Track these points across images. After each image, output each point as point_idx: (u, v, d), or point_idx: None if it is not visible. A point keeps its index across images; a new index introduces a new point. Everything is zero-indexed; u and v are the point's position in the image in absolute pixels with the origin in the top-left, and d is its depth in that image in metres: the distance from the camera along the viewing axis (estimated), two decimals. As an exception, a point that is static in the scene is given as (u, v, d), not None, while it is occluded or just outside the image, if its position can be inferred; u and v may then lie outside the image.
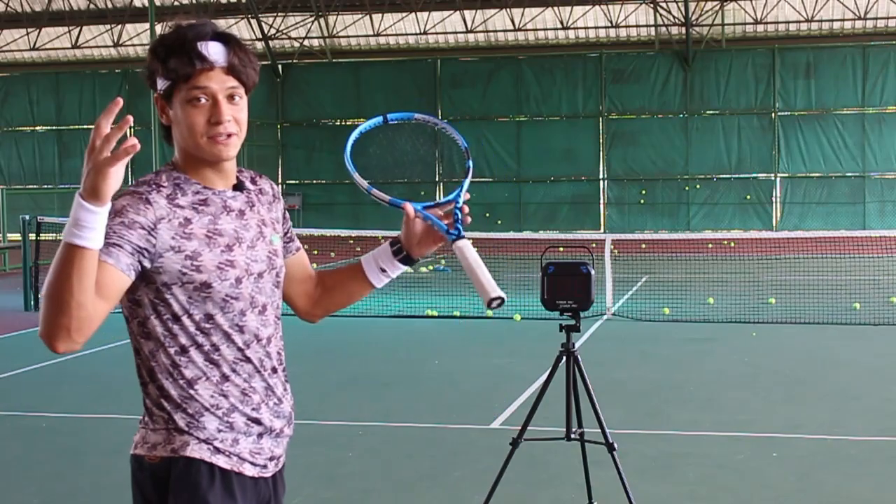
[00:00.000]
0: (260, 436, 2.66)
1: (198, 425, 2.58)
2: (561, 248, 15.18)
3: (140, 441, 2.63)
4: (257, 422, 2.66)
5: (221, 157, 2.61)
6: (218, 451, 2.59)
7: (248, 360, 2.65)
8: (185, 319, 2.57)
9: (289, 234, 2.90)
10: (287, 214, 2.96)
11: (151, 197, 2.54)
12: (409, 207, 2.88)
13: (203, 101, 2.58)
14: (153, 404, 2.61)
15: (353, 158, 3.06)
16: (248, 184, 2.75)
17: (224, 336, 2.61)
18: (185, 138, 2.61)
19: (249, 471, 2.64)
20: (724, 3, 31.38)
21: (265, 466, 2.67)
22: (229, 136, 2.59)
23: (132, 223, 2.48)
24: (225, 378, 2.62)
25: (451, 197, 2.87)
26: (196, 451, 2.57)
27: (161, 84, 2.61)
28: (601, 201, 32.22)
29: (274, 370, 2.72)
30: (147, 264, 2.51)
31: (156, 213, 2.53)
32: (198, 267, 2.56)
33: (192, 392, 2.58)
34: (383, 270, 2.95)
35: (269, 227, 2.75)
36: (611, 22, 32.61)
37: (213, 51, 2.63)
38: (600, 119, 32.18)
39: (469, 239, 2.84)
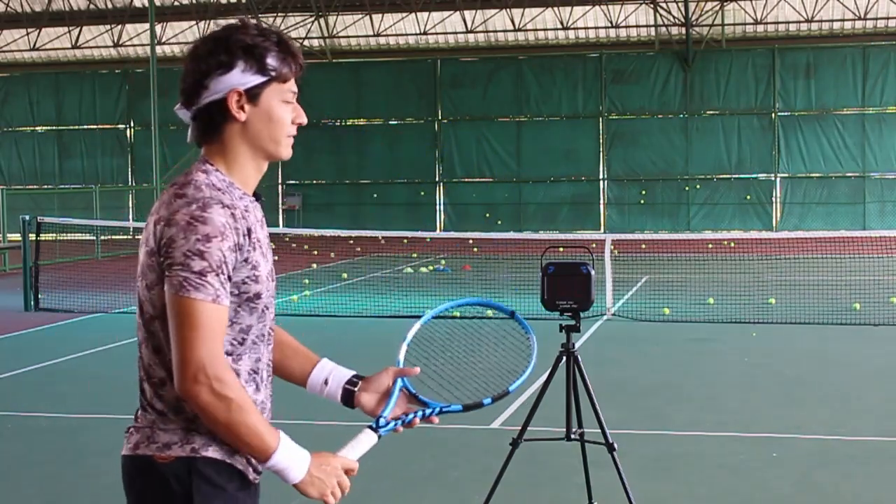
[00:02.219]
0: None
1: None
2: (561, 249, 15.15)
3: (144, 440, 2.56)
4: None
5: (285, 156, 2.66)
6: (234, 453, 2.58)
7: (258, 371, 2.65)
8: (227, 328, 2.55)
9: None
10: None
11: (237, 211, 2.50)
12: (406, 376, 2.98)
13: (292, 101, 2.62)
14: (169, 404, 2.55)
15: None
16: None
17: (250, 345, 2.61)
18: (268, 134, 2.59)
19: (252, 476, 2.64)
20: (724, 4, 31.38)
21: (259, 474, 2.67)
22: (293, 137, 2.66)
23: (235, 247, 2.48)
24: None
25: (429, 412, 2.96)
26: (218, 452, 2.55)
27: (251, 79, 2.55)
28: (601, 201, 32.22)
29: (269, 379, 2.73)
30: None
31: (244, 229, 2.51)
32: (256, 277, 2.56)
33: None
34: (326, 383, 2.89)
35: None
36: (611, 22, 32.61)
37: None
38: (600, 119, 32.18)
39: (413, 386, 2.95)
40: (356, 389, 2.88)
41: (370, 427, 2.78)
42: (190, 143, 2.71)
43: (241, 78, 2.54)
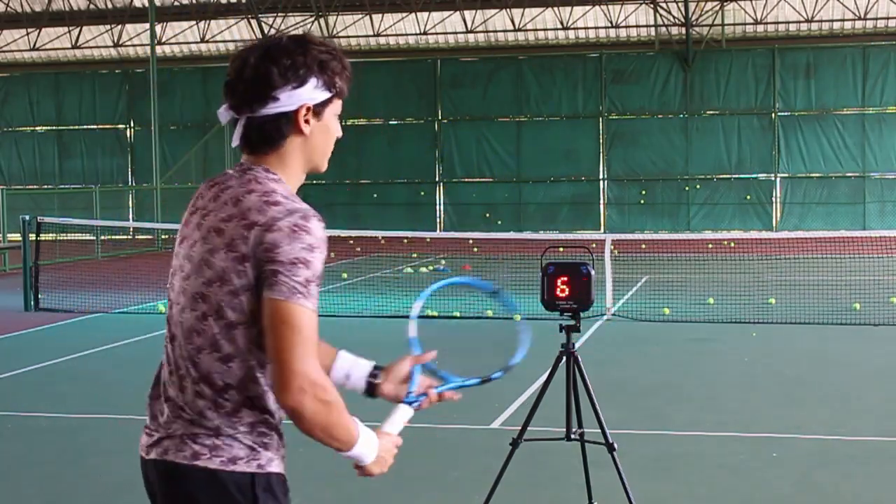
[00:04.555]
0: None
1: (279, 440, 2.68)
2: (561, 249, 15.16)
3: (206, 452, 2.56)
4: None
5: (324, 170, 2.74)
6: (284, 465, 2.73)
7: None
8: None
9: None
10: None
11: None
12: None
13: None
14: (229, 413, 2.56)
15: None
16: None
17: None
18: (322, 149, 2.68)
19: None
20: (724, 4, 31.38)
21: None
22: None
23: (324, 261, 2.59)
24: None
25: (452, 385, 3.17)
26: (280, 466, 2.67)
27: (320, 95, 2.61)
28: (601, 201, 32.20)
29: None
30: None
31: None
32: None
33: (274, 407, 2.64)
34: (348, 377, 3.04)
35: None
36: (611, 22, 32.61)
37: None
38: (600, 119, 32.17)
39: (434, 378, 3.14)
40: (378, 381, 3.03)
41: (404, 402, 3.00)
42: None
43: (312, 93, 2.59)
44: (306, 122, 2.60)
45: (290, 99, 2.57)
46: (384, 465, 2.80)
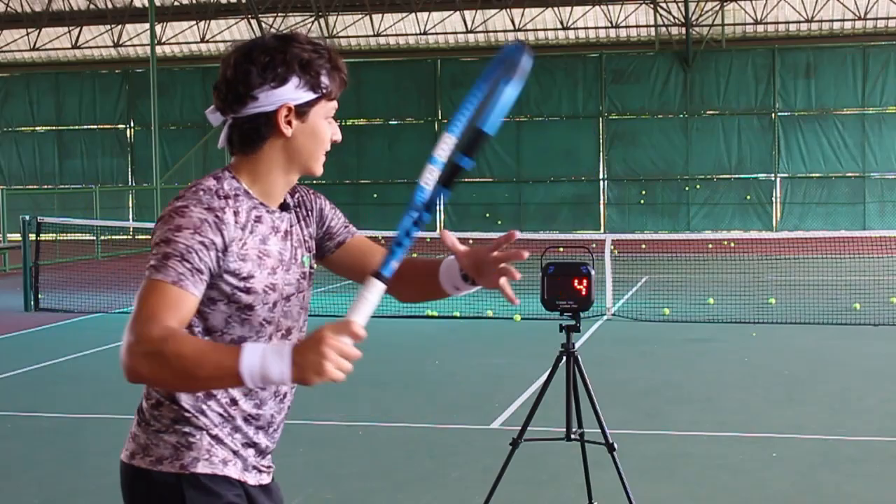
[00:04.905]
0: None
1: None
2: (561, 249, 15.17)
3: (140, 451, 2.61)
4: (253, 446, 2.67)
5: (318, 173, 2.64)
6: (225, 463, 2.64)
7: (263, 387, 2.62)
8: (216, 336, 2.53)
9: (342, 222, 2.93)
10: (331, 205, 2.94)
11: (226, 216, 2.46)
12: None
13: (332, 119, 2.63)
14: (152, 414, 2.62)
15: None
16: (289, 199, 2.72)
17: None
18: (309, 151, 2.58)
19: (252, 479, 2.71)
20: (724, 4, 31.37)
21: (266, 472, 2.76)
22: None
23: (210, 244, 2.42)
24: (234, 402, 2.61)
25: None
26: (208, 466, 2.61)
27: (303, 95, 2.52)
28: (601, 201, 32.20)
29: (277, 394, 2.70)
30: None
31: (229, 235, 2.47)
32: (248, 289, 2.52)
33: (204, 407, 2.58)
34: (457, 289, 2.85)
35: (303, 247, 2.73)
36: (611, 22, 32.60)
37: None
38: (600, 119, 32.17)
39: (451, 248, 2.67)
40: (467, 277, 2.81)
41: (373, 274, 2.33)
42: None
43: (293, 93, 2.51)
44: (287, 123, 2.52)
45: (268, 98, 2.49)
46: (320, 366, 2.16)
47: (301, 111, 2.53)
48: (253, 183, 2.57)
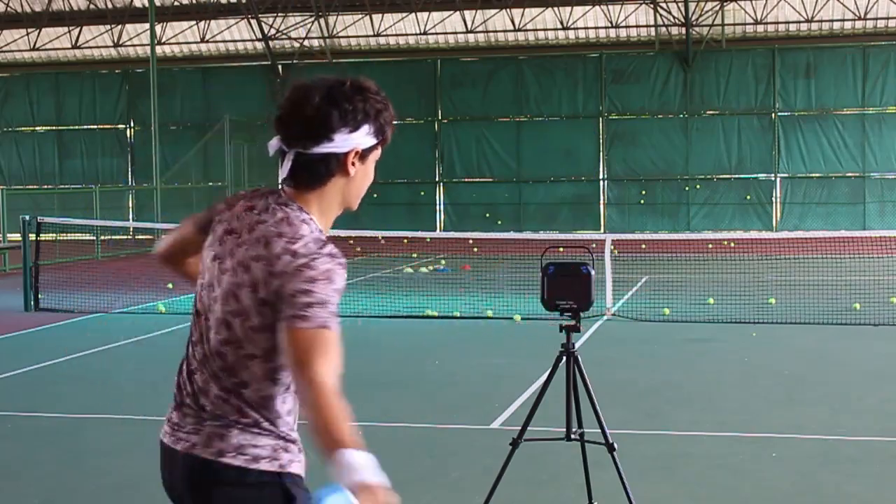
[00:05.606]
0: None
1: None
2: (561, 249, 15.18)
3: (231, 450, 2.71)
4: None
5: (354, 208, 2.88)
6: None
7: None
8: None
9: None
10: None
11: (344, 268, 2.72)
12: None
13: None
14: (264, 415, 2.75)
15: None
16: None
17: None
18: (359, 191, 2.82)
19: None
20: (724, 4, 31.37)
21: None
22: None
23: (340, 292, 2.67)
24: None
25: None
26: (301, 468, 2.87)
27: (369, 141, 2.75)
28: (601, 201, 32.21)
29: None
30: None
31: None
32: None
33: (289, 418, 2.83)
34: None
35: None
36: (611, 22, 32.60)
37: None
38: (600, 119, 32.17)
39: None
40: None
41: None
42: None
43: (363, 139, 2.73)
44: (353, 164, 2.74)
45: (344, 142, 2.70)
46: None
47: (364, 155, 2.77)
48: (320, 217, 2.78)
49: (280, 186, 2.82)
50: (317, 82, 2.74)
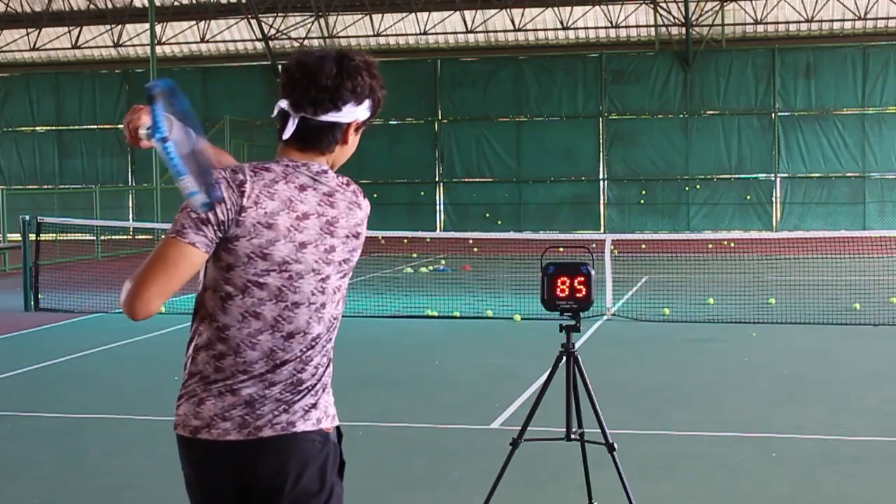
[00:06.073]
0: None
1: None
2: (561, 249, 15.18)
3: (323, 416, 2.96)
4: None
5: None
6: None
7: None
8: None
9: None
10: None
11: None
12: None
13: None
14: (327, 378, 3.03)
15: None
16: None
17: None
18: (345, 159, 3.04)
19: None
20: (724, 4, 31.38)
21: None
22: None
23: None
24: None
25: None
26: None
27: (367, 115, 2.97)
28: (601, 201, 32.21)
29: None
30: None
31: None
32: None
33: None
34: None
35: None
36: (611, 22, 32.61)
37: None
38: (600, 119, 32.18)
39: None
40: None
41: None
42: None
43: (363, 113, 2.94)
44: (351, 135, 2.96)
45: (349, 113, 2.89)
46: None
47: (358, 127, 2.99)
48: None
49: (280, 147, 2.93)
50: (328, 53, 2.88)
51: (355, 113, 2.91)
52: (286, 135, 2.88)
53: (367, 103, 2.92)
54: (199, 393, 2.87)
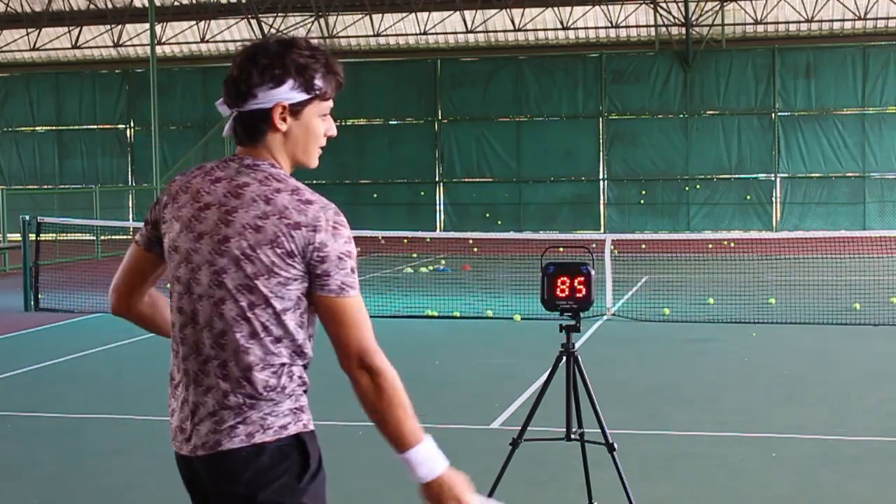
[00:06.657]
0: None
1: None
2: (561, 249, 15.18)
3: (258, 429, 2.79)
4: None
5: (312, 166, 2.94)
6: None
7: None
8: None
9: None
10: None
11: None
12: None
13: (329, 116, 2.92)
14: (280, 387, 2.79)
15: None
16: None
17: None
18: (303, 146, 2.86)
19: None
20: (724, 4, 31.38)
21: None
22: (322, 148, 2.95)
23: None
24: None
25: None
26: (312, 424, 3.07)
27: (297, 96, 2.79)
28: (601, 201, 32.21)
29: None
30: None
31: None
32: None
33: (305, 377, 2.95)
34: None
35: None
36: (611, 22, 32.61)
37: None
38: (600, 119, 32.18)
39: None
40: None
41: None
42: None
43: (288, 94, 2.78)
44: (283, 119, 2.78)
45: (266, 97, 2.76)
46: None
47: (295, 109, 2.80)
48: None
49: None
50: (251, 44, 2.84)
51: (275, 95, 2.75)
52: (224, 133, 2.90)
53: (290, 83, 2.75)
54: (170, 399, 2.89)
